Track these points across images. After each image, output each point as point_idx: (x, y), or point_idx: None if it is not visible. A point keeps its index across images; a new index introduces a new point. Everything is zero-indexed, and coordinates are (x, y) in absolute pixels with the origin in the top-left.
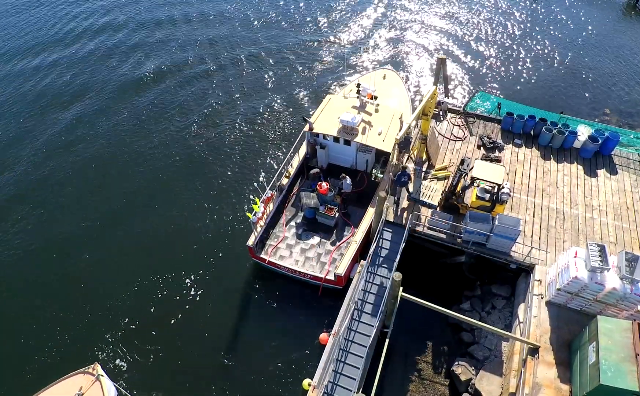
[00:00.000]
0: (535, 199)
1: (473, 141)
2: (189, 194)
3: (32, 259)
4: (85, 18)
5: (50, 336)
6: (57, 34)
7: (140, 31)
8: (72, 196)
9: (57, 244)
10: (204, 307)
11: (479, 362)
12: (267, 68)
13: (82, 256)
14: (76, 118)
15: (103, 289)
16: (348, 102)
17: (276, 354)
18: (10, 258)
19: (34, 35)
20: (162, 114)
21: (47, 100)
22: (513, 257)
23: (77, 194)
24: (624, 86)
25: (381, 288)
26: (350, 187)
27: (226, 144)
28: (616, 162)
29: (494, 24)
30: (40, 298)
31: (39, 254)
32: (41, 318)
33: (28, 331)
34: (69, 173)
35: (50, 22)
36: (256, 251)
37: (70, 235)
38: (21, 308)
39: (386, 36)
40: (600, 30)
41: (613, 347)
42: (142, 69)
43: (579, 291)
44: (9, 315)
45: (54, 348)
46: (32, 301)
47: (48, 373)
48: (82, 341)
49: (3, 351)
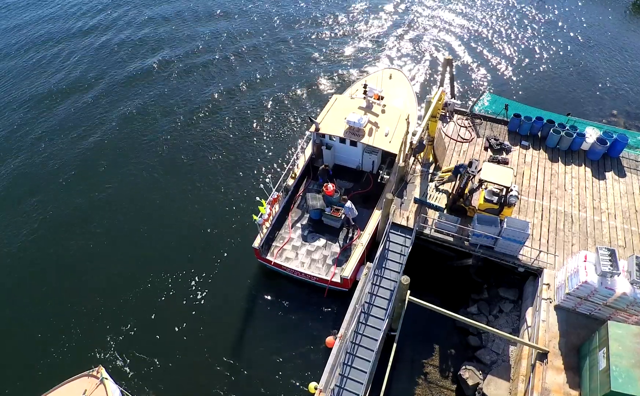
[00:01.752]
0: (543, 202)
1: (480, 143)
2: (193, 196)
3: (35, 261)
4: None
5: (54, 339)
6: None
7: (132, 33)
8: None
9: (60, 246)
10: (208, 309)
11: (486, 366)
12: (271, 67)
13: (85, 258)
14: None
15: (107, 292)
16: (354, 102)
17: (282, 357)
18: (13, 260)
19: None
20: (168, 112)
21: (39, 99)
22: (521, 260)
23: (90, 202)
24: (632, 87)
25: (388, 291)
26: (354, 213)
27: (231, 144)
28: (624, 165)
29: (501, 24)
30: (44, 301)
31: (42, 257)
32: (44, 321)
33: (32, 334)
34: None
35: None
36: (262, 252)
37: (73, 236)
38: (25, 311)
39: (393, 36)
40: (607, 29)
41: (624, 353)
42: (147, 64)
43: (589, 296)
44: (13, 318)
45: (58, 351)
46: (36, 304)
47: (52, 376)
48: (86, 343)
49: (8, 354)
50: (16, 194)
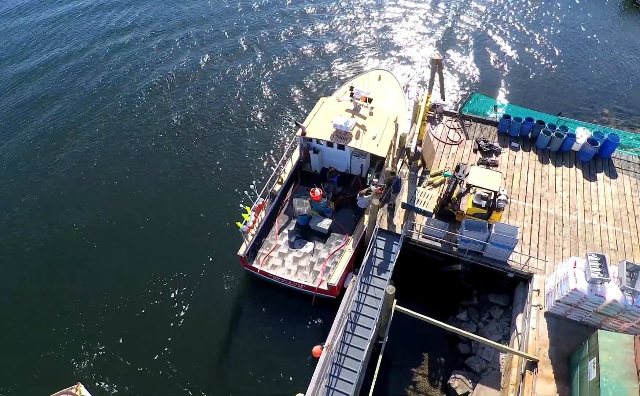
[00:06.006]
0: (533, 205)
1: (469, 145)
2: (176, 204)
3: (10, 275)
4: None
5: (31, 356)
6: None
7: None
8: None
9: (35, 258)
10: (192, 321)
11: (476, 375)
12: (252, 69)
13: (62, 272)
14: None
15: (86, 305)
16: (341, 105)
17: (268, 367)
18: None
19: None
20: (144, 118)
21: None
22: (510, 266)
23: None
24: (623, 85)
25: (375, 299)
26: (364, 204)
27: (214, 151)
28: (616, 165)
29: (490, 24)
30: (20, 317)
31: (18, 269)
32: (20, 338)
33: (8, 351)
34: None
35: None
36: (248, 260)
37: (46, 247)
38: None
39: (381, 37)
40: (597, 28)
41: (614, 363)
42: (133, 84)
43: (579, 303)
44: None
45: (35, 368)
46: (13, 319)
47: (29, 394)
48: (65, 359)
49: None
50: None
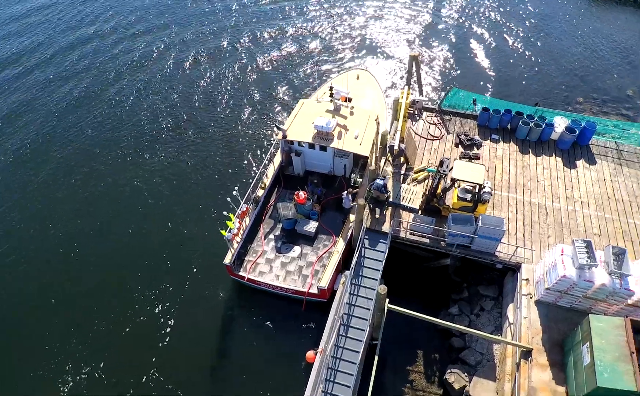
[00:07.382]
0: (517, 195)
1: (450, 139)
2: (157, 214)
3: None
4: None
5: (12, 371)
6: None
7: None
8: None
9: (13, 270)
10: (179, 336)
11: (471, 368)
12: (228, 73)
13: (42, 284)
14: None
15: (67, 318)
16: (321, 106)
17: (261, 376)
18: None
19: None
20: (119, 124)
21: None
22: (499, 257)
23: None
24: (596, 73)
25: (367, 300)
26: (350, 203)
27: (192, 159)
28: (594, 152)
29: (466, 18)
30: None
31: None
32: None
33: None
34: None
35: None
36: (234, 268)
37: (26, 257)
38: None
39: (357, 35)
40: (568, 17)
41: (607, 347)
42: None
43: (568, 289)
44: None
45: (16, 384)
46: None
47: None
48: (47, 375)
49: None
50: None
